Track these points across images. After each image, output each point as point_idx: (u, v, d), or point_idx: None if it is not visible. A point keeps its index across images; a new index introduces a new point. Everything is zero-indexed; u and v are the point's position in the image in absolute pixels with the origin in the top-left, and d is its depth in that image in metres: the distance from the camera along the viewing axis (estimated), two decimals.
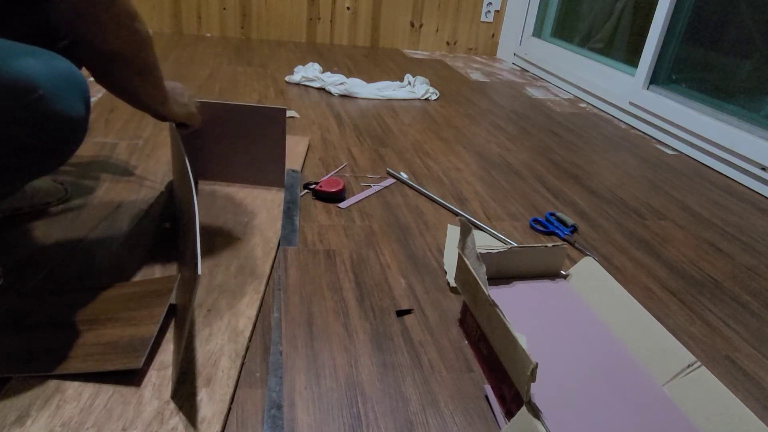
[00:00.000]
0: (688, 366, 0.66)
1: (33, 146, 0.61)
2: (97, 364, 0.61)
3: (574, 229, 1.10)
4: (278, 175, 1.09)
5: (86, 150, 1.19)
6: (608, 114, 2.05)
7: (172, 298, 0.73)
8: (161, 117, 0.84)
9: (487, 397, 0.65)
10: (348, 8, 2.66)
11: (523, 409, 0.55)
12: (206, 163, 1.09)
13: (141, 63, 0.71)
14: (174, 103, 0.84)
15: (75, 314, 0.69)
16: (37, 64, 0.58)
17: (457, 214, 1.10)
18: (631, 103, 1.92)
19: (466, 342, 0.75)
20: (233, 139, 1.06)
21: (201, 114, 1.01)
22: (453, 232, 1.03)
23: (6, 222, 0.88)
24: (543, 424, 0.53)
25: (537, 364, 0.54)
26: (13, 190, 0.72)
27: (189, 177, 0.71)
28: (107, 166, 1.12)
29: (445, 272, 0.90)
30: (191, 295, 0.55)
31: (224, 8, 2.54)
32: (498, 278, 0.85)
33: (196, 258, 0.54)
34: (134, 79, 0.72)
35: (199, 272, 0.53)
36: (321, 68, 2.00)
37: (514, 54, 2.79)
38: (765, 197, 1.41)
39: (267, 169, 1.09)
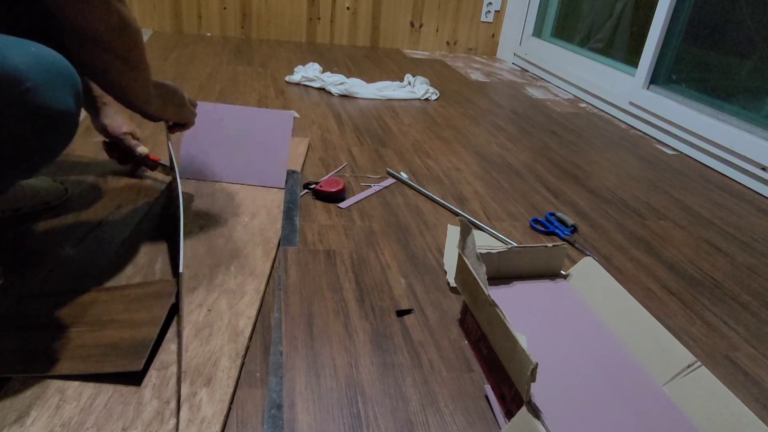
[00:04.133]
0: (688, 366, 0.66)
1: (21, 140, 0.59)
2: (97, 366, 0.61)
3: (574, 229, 1.10)
4: (280, 175, 1.10)
5: (86, 150, 1.19)
6: (608, 114, 2.05)
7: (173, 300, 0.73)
8: (150, 116, 0.82)
9: (487, 397, 0.66)
10: (348, 8, 2.66)
11: (523, 409, 0.55)
12: (210, 163, 1.09)
13: (126, 50, 0.68)
14: (161, 101, 0.83)
15: (75, 315, 0.69)
16: (25, 55, 0.57)
17: (457, 214, 1.10)
18: (631, 103, 1.92)
19: (466, 342, 0.75)
20: (238, 140, 1.07)
21: (207, 115, 1.01)
22: (453, 232, 1.03)
23: (6, 222, 0.88)
24: (543, 424, 0.53)
25: (537, 364, 0.54)
26: (3, 188, 0.71)
27: (176, 176, 0.71)
28: (107, 166, 1.12)
29: (445, 272, 0.90)
30: (179, 292, 0.55)
31: (224, 8, 2.54)
32: (498, 278, 0.85)
33: (179, 255, 0.54)
34: (120, 68, 0.69)
35: (181, 269, 0.52)
36: (321, 68, 2.00)
37: (514, 54, 2.79)
38: (765, 197, 1.41)
39: (269, 169, 1.10)
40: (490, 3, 2.81)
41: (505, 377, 0.62)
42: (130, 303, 0.70)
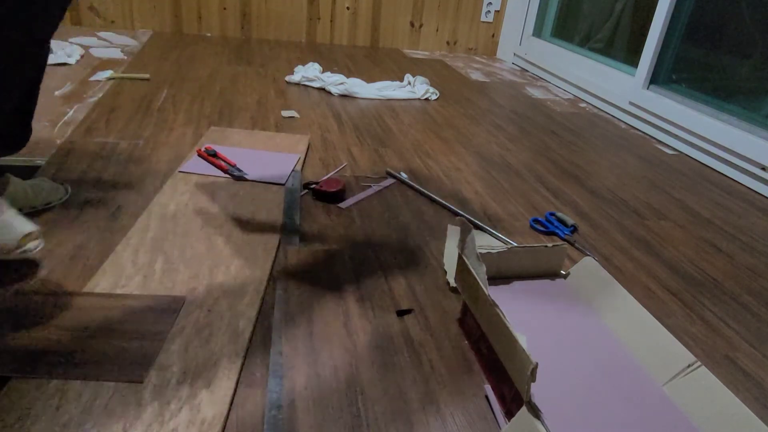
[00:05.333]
0: (688, 366, 0.66)
1: None
2: (98, 373, 0.61)
3: (574, 229, 1.10)
4: (283, 173, 1.13)
5: (87, 150, 1.19)
6: (608, 114, 2.05)
7: (178, 320, 0.73)
8: None
9: (487, 397, 0.66)
10: (348, 8, 2.66)
11: (523, 409, 0.55)
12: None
13: None
14: None
15: (77, 319, 0.69)
16: None
17: (457, 214, 1.10)
18: (631, 103, 1.92)
19: (466, 342, 0.75)
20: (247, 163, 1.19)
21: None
22: (453, 232, 1.03)
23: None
24: (543, 424, 0.53)
25: (537, 364, 0.54)
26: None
27: None
28: (108, 166, 1.12)
29: (445, 272, 0.90)
30: None
31: (224, 8, 2.54)
32: (498, 278, 0.85)
33: None
34: None
35: None
36: (321, 68, 2.00)
37: (514, 54, 2.79)
38: (765, 197, 1.41)
39: (273, 170, 1.15)
40: (490, 3, 2.81)
41: (505, 377, 0.62)
42: (133, 314, 0.70)
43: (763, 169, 1.42)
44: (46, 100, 1.47)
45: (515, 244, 0.98)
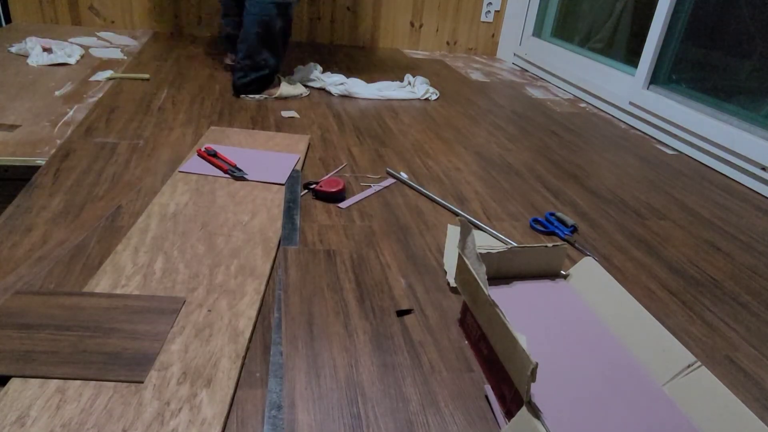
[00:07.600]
0: (688, 366, 0.66)
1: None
2: (99, 373, 0.61)
3: (574, 229, 1.10)
4: (283, 173, 1.12)
5: (87, 150, 1.19)
6: (608, 114, 2.05)
7: (178, 320, 0.73)
8: None
9: (487, 397, 0.66)
10: (348, 8, 2.66)
11: (523, 409, 0.55)
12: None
13: None
14: None
15: (77, 319, 0.69)
16: None
17: (457, 214, 1.10)
18: (631, 103, 1.92)
19: (466, 342, 0.75)
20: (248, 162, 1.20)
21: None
22: (453, 232, 1.03)
23: (6, 221, 0.88)
24: (543, 424, 0.53)
25: (537, 364, 0.54)
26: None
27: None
28: (108, 166, 1.12)
29: (445, 272, 0.90)
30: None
31: None
32: (498, 278, 0.85)
33: None
34: None
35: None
36: (321, 68, 2.00)
37: (514, 54, 2.79)
38: (765, 197, 1.41)
39: (273, 170, 1.14)
40: (490, 3, 2.81)
41: (505, 377, 0.62)
42: (133, 314, 0.70)
43: (763, 169, 1.43)
44: (46, 100, 1.47)
45: (515, 244, 0.98)
